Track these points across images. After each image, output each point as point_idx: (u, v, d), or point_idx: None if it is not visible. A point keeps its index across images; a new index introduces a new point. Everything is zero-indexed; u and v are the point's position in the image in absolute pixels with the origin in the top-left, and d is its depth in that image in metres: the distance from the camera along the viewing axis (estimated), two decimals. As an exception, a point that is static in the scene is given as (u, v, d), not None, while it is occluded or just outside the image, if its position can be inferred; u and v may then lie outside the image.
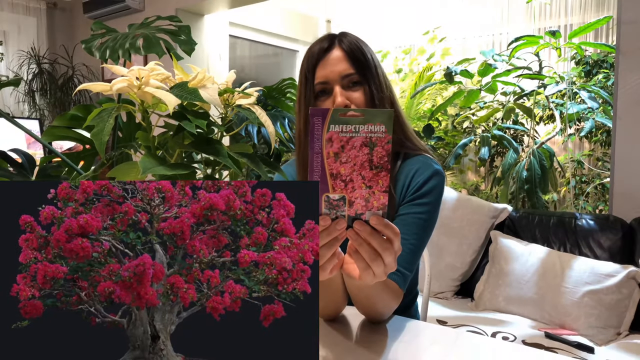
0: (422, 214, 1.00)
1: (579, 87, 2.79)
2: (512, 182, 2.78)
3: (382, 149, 0.57)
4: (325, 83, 1.02)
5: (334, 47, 1.03)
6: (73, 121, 0.79)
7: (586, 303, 1.86)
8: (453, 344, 0.85)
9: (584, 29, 2.54)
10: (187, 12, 3.73)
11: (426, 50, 4.46)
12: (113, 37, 0.94)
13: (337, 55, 1.02)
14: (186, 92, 0.64)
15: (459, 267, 2.34)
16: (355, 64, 1.01)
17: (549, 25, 4.13)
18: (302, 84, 1.05)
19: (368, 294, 0.85)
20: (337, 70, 1.01)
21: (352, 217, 0.58)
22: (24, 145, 2.62)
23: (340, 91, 1.00)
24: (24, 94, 4.16)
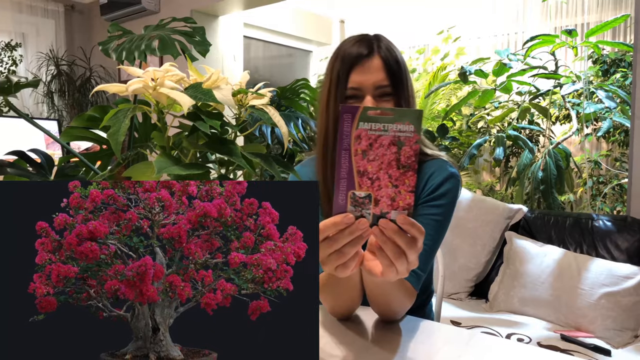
0: (437, 215, 1.00)
1: (596, 86, 2.75)
2: (527, 182, 2.76)
3: (410, 149, 0.56)
4: (357, 89, 1.01)
5: (373, 55, 1.02)
6: (90, 122, 0.81)
7: (603, 305, 1.84)
8: (466, 345, 0.84)
9: (601, 28, 2.50)
10: (202, 13, 3.76)
11: (440, 50, 4.44)
12: (129, 39, 0.95)
13: (375, 64, 1.01)
14: (200, 92, 0.65)
15: (473, 268, 2.32)
16: (390, 76, 1.01)
17: (565, 24, 4.08)
18: (334, 84, 1.03)
19: (385, 292, 0.86)
20: (372, 79, 1.00)
21: (378, 215, 0.58)
22: (43, 145, 2.66)
23: (371, 100, 1.00)
24: (43, 95, 4.23)
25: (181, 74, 0.69)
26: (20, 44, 4.07)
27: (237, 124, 0.76)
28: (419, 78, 4.56)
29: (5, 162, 0.77)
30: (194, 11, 3.70)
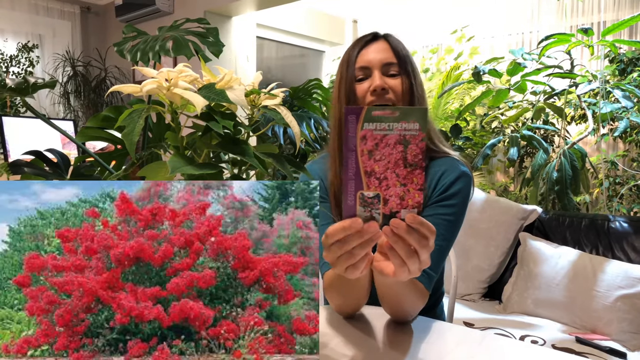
0: (449, 215, 1.00)
1: (613, 85, 2.71)
2: (542, 183, 2.72)
3: (416, 147, 0.56)
4: (366, 68, 1.05)
5: (378, 39, 1.08)
6: (105, 122, 0.82)
7: (619, 307, 1.81)
8: (479, 346, 0.84)
9: (617, 26, 2.46)
10: (215, 14, 3.78)
11: (454, 50, 4.41)
12: (144, 40, 0.96)
13: (381, 45, 1.07)
14: (214, 93, 0.66)
15: (487, 269, 2.30)
16: (397, 56, 1.05)
17: (581, 23, 4.03)
18: (343, 69, 1.08)
19: (396, 292, 0.86)
20: (379, 57, 1.05)
21: (387, 215, 0.58)
22: (59, 145, 2.70)
23: (379, 75, 1.04)
24: (59, 95, 4.29)
25: (195, 74, 0.69)
26: (37, 45, 4.13)
27: (250, 124, 0.76)
28: (432, 78, 4.53)
29: (22, 161, 0.78)
30: (208, 12, 3.72)
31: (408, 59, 1.06)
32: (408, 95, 1.04)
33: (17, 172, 0.76)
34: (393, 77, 1.05)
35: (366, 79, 1.05)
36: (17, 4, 4.04)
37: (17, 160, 0.77)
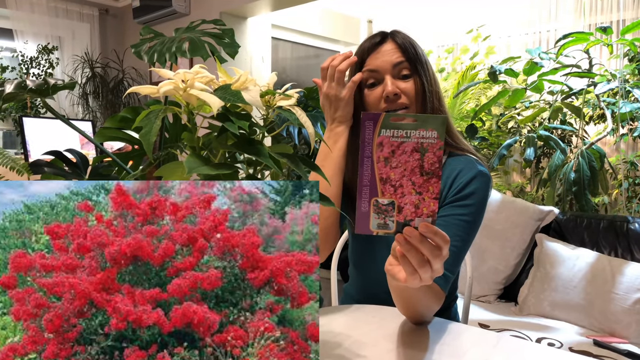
0: (466, 215, 0.99)
1: (633, 85, 2.67)
2: (559, 184, 2.69)
3: (434, 155, 0.56)
4: (376, 72, 1.04)
5: (386, 41, 1.07)
6: (123, 123, 0.83)
7: (638, 310, 1.78)
8: (494, 347, 0.83)
9: (637, 25, 2.43)
10: (231, 15, 3.80)
11: (470, 49, 4.37)
12: (160, 41, 0.97)
13: (389, 47, 1.05)
14: (229, 94, 0.66)
15: (503, 271, 2.28)
16: (407, 55, 1.04)
17: (599, 21, 3.96)
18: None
19: (410, 295, 0.85)
20: (388, 59, 1.04)
21: (401, 222, 0.58)
22: (78, 145, 2.74)
23: (390, 80, 1.03)
24: (78, 96, 4.35)
25: (211, 75, 0.70)
26: (56, 47, 4.20)
27: (265, 124, 0.77)
28: (448, 77, 4.50)
29: (42, 161, 0.79)
30: (223, 13, 3.75)
31: (417, 55, 1.05)
32: (421, 95, 1.03)
33: (37, 171, 0.78)
34: (405, 78, 1.04)
35: (378, 84, 1.05)
36: (36, 7, 4.11)
37: (37, 160, 0.79)
